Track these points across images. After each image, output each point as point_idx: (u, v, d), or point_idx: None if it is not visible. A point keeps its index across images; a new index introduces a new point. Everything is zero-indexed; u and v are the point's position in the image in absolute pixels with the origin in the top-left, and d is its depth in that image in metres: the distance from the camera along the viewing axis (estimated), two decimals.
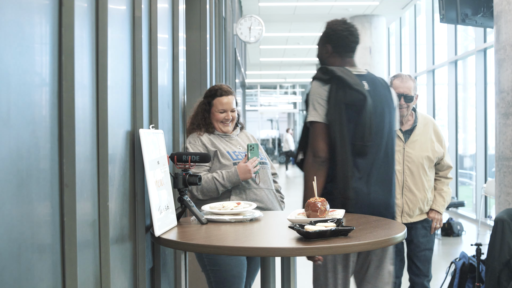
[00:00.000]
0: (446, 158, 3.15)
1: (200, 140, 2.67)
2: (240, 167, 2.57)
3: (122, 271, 1.60)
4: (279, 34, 13.46)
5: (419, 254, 3.15)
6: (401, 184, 3.07)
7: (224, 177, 2.56)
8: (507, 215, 3.26)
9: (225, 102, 2.74)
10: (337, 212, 2.10)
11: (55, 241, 1.10)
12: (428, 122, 3.17)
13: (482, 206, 7.25)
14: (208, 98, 2.77)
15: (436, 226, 3.16)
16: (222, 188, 2.56)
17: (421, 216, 3.12)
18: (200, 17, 3.68)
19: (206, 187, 2.56)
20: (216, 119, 2.74)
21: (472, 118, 9.22)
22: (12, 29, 0.94)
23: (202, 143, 2.66)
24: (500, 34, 4.25)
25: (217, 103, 2.74)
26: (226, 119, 2.74)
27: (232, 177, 2.56)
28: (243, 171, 2.57)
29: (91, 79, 1.32)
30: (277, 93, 27.83)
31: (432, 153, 3.09)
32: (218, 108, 2.74)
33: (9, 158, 0.91)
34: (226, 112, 2.74)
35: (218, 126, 2.74)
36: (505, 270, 3.18)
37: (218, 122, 2.74)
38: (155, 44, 2.00)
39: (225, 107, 2.73)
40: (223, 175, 2.57)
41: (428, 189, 3.09)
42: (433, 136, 3.14)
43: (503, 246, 3.19)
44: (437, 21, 10.21)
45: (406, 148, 3.08)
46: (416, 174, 3.06)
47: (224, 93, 2.75)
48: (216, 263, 2.52)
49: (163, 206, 1.92)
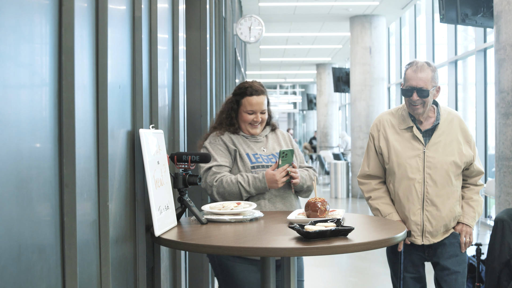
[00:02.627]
0: (476, 162, 2.63)
1: (220, 139, 2.48)
2: (268, 174, 2.35)
3: (122, 271, 1.60)
4: (279, 34, 13.46)
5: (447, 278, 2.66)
6: (421, 197, 2.56)
7: (250, 183, 2.35)
8: (507, 215, 3.26)
9: (255, 103, 2.49)
10: (337, 212, 2.10)
11: (55, 241, 1.10)
12: (454, 119, 2.63)
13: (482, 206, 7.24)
14: (237, 96, 2.54)
15: (466, 240, 2.64)
16: (246, 194, 2.35)
17: (446, 233, 2.64)
18: (200, 17, 3.68)
19: (228, 190, 2.35)
20: (243, 120, 2.52)
21: (472, 118, 9.21)
22: (12, 29, 0.94)
23: (223, 141, 2.47)
24: (500, 34, 4.25)
25: (246, 103, 2.50)
26: (255, 121, 2.50)
27: (259, 184, 2.34)
28: (270, 179, 2.34)
29: (91, 79, 1.32)
30: (277, 93, 27.83)
31: (460, 157, 2.57)
32: (246, 109, 2.50)
33: (9, 158, 0.91)
34: (256, 113, 2.50)
35: (245, 128, 2.53)
36: (505, 270, 3.17)
37: (246, 123, 2.52)
38: (155, 44, 2.00)
39: (255, 108, 2.49)
40: (249, 180, 2.35)
41: (455, 203, 2.59)
42: (460, 136, 2.61)
43: (503, 246, 3.18)
44: (437, 21, 10.21)
45: (427, 152, 2.57)
46: (440, 184, 2.55)
47: (255, 92, 2.50)
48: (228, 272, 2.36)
49: (163, 206, 1.92)
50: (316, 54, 16.89)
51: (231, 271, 2.35)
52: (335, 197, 11.37)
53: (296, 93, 28.29)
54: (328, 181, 14.72)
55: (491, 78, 7.80)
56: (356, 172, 11.29)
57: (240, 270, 2.34)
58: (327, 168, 14.35)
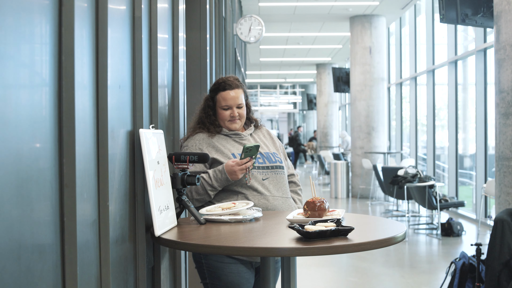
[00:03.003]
0: None
1: (194, 143, 2.39)
2: (227, 165, 2.27)
3: (122, 271, 1.60)
4: (279, 34, 13.46)
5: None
6: None
7: (211, 176, 2.29)
8: (507, 215, 3.26)
9: (230, 97, 2.40)
10: (337, 212, 2.10)
11: (55, 241, 1.10)
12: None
13: (482, 206, 7.24)
14: (212, 93, 2.47)
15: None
16: (210, 188, 2.30)
17: None
18: (200, 17, 3.68)
19: (194, 189, 2.31)
20: (221, 118, 2.43)
21: (472, 118, 9.21)
22: (12, 29, 0.94)
23: (196, 146, 2.38)
24: (500, 34, 4.25)
25: (220, 99, 2.41)
26: (232, 117, 2.41)
27: (220, 175, 2.28)
28: (229, 170, 2.27)
29: (91, 79, 1.32)
30: (277, 93, 27.83)
31: None
32: (221, 104, 2.41)
33: (9, 158, 0.91)
34: (231, 108, 2.40)
35: (225, 125, 2.44)
36: (505, 270, 3.17)
37: (225, 120, 2.42)
38: (155, 44, 2.00)
39: (230, 103, 2.40)
40: (210, 173, 2.29)
41: None
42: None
43: (503, 246, 3.18)
44: (437, 21, 10.21)
45: None
46: None
47: (228, 87, 2.41)
48: (216, 276, 2.28)
49: (163, 206, 1.92)
50: (316, 54, 16.89)
51: (219, 273, 2.27)
52: (335, 197, 11.36)
53: (296, 93, 28.29)
54: (328, 181, 14.71)
55: (491, 78, 7.80)
56: (356, 172, 11.30)
57: (230, 272, 2.27)
58: (327, 168, 14.35)
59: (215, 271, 2.28)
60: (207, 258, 2.30)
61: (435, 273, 5.40)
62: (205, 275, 2.31)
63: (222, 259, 2.29)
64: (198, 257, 2.33)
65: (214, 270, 2.28)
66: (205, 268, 2.30)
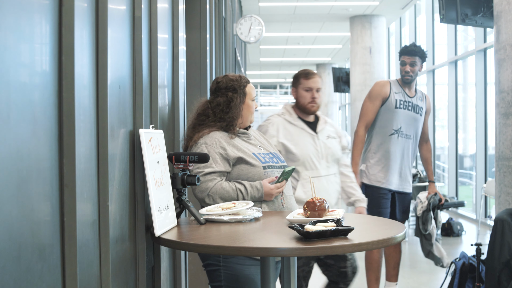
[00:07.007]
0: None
1: (218, 142, 2.34)
2: (265, 186, 2.31)
3: (122, 271, 1.60)
4: (279, 34, 13.46)
5: None
6: None
7: (248, 192, 2.31)
8: (507, 215, 3.26)
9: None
10: (337, 212, 2.10)
11: (55, 241, 1.10)
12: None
13: (482, 206, 7.25)
14: (234, 89, 2.48)
15: None
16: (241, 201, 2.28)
17: None
18: (200, 17, 3.68)
19: (227, 197, 2.28)
20: (250, 111, 2.51)
21: (472, 118, 9.22)
22: (12, 29, 0.94)
23: (221, 147, 2.33)
24: (500, 34, 4.25)
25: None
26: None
27: (256, 194, 2.32)
28: (267, 192, 2.31)
29: (91, 79, 1.32)
30: (277, 93, 27.82)
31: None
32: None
33: (9, 158, 0.91)
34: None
35: (247, 119, 2.50)
36: (505, 270, 3.17)
37: (251, 114, 2.54)
38: (155, 44, 2.00)
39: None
40: (247, 189, 2.31)
41: None
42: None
43: (503, 246, 3.18)
44: (437, 21, 10.21)
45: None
46: None
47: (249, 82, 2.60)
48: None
49: (163, 206, 1.92)
50: (316, 54, 16.89)
51: (238, 275, 2.23)
52: None
53: None
54: None
55: (491, 78, 7.80)
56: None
57: (250, 273, 2.24)
58: None
59: (233, 273, 2.25)
60: (226, 261, 2.25)
61: (435, 273, 5.40)
62: (220, 278, 2.27)
63: (244, 261, 2.25)
64: (215, 260, 2.28)
65: (232, 273, 2.25)
66: (223, 271, 2.26)
